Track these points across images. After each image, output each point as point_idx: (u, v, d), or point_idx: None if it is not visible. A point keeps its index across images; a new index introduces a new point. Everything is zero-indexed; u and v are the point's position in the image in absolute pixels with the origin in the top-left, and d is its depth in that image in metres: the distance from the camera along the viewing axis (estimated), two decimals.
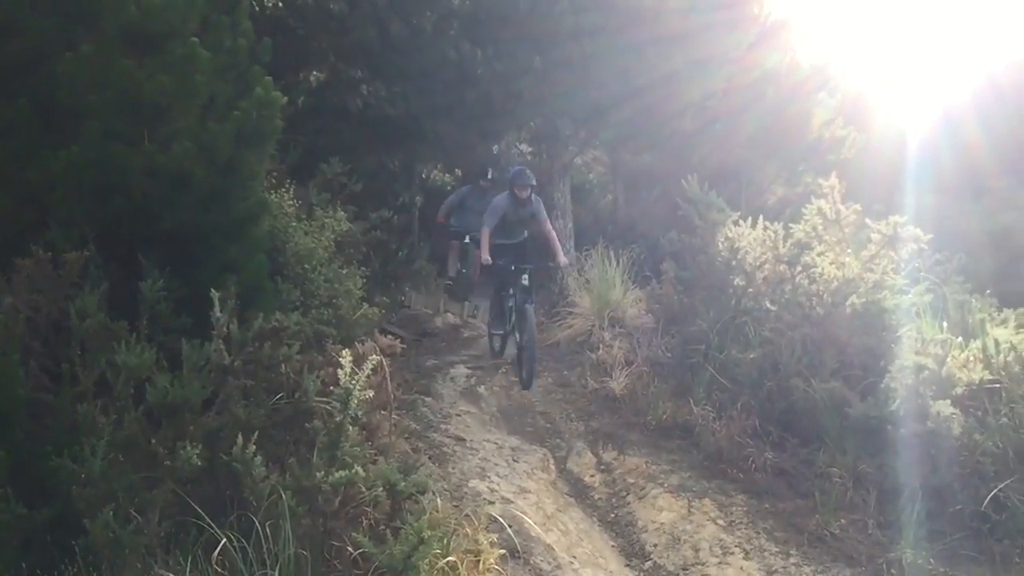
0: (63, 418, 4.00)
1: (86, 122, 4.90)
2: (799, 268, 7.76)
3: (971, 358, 6.35)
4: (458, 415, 7.58)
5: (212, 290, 4.45)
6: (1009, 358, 6.10)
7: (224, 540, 3.55)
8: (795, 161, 13.27)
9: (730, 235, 8.44)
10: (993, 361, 6.17)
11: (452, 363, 9.29)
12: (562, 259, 9.01)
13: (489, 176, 10.88)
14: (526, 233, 9.31)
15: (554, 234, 9.16)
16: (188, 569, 3.48)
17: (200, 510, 3.73)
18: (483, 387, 8.31)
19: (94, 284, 4.53)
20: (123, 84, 4.86)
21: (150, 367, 4.13)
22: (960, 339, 6.70)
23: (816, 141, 13.01)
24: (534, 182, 8.86)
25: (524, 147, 14.77)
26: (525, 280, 8.59)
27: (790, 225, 8.19)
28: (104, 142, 4.86)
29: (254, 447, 3.86)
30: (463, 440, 6.98)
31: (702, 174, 9.90)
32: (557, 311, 10.08)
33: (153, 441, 3.93)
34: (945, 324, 7.23)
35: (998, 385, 6.04)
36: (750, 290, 8.16)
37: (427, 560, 3.59)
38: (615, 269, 10.51)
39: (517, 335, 8.57)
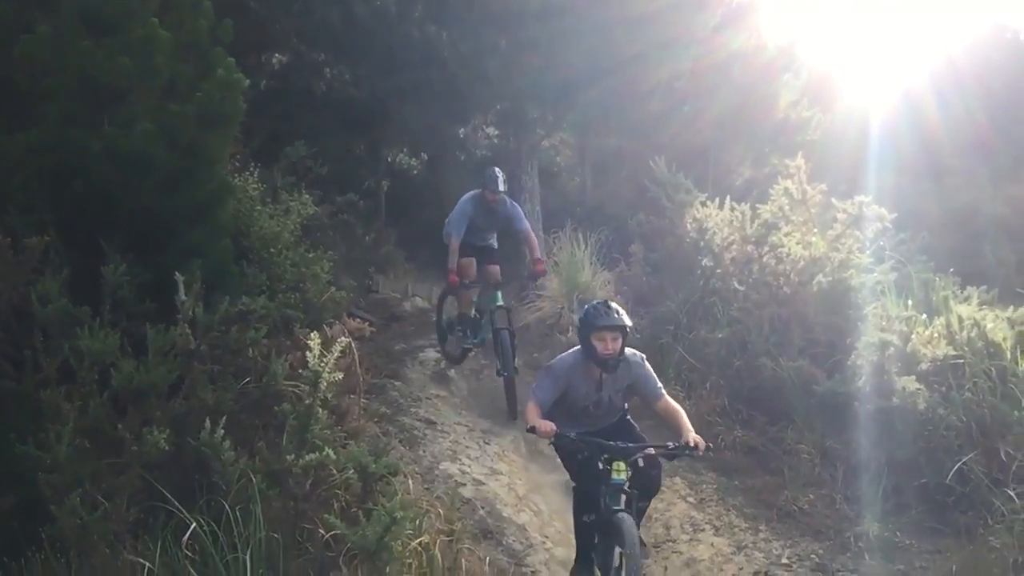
0: (27, 405, 3.94)
1: (44, 105, 4.81)
2: (766, 248, 7.82)
3: (935, 335, 6.46)
4: (428, 398, 7.56)
5: (177, 274, 4.38)
6: (972, 334, 6.20)
7: (194, 524, 3.51)
8: (762, 142, 13.31)
9: (698, 216, 8.49)
10: (956, 337, 6.27)
11: (421, 347, 9.23)
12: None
13: (499, 183, 7.71)
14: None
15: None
16: (157, 554, 3.44)
17: (168, 495, 3.68)
18: (453, 370, 8.28)
19: (55, 270, 4.44)
20: (82, 66, 4.76)
21: (114, 352, 4.07)
22: (924, 316, 6.82)
23: (782, 122, 13.05)
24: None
25: (491, 130, 14.67)
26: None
27: (757, 206, 8.26)
28: (63, 125, 4.77)
29: (222, 431, 3.83)
30: (433, 423, 6.97)
31: (670, 156, 9.95)
32: (526, 294, 10.05)
33: (119, 427, 3.88)
34: (909, 302, 7.33)
35: (961, 360, 6.14)
36: (718, 270, 8.21)
37: (400, 541, 3.57)
38: (583, 251, 10.49)
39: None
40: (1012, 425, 5.60)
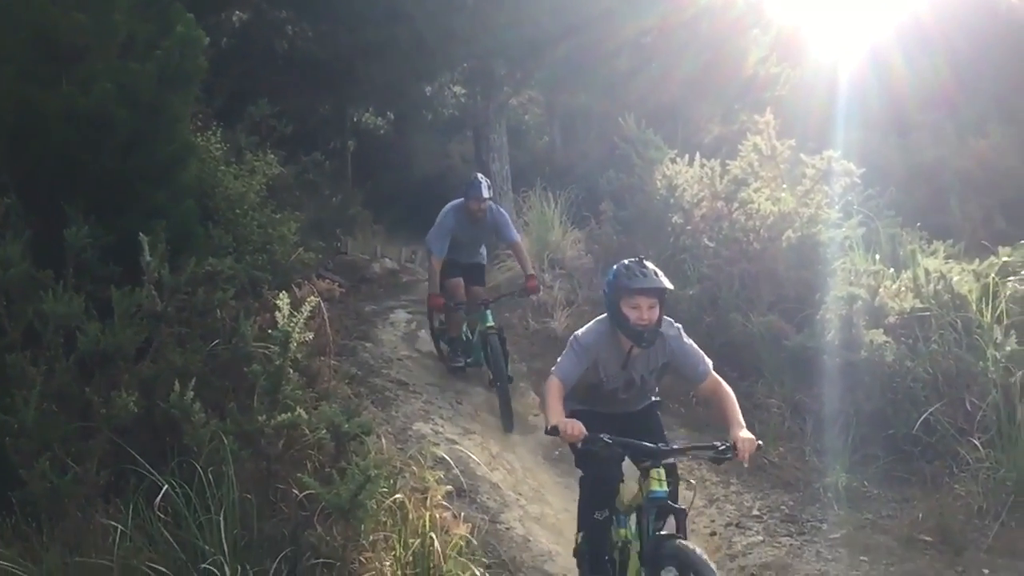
0: None
1: (0, 65, 4.65)
2: (736, 204, 7.85)
3: (902, 288, 6.53)
4: (399, 360, 7.54)
5: (141, 235, 4.30)
6: (938, 287, 6.27)
7: (166, 487, 3.48)
8: (731, 99, 13.32)
9: (668, 173, 8.48)
10: (923, 290, 6.34)
11: (392, 308, 9.22)
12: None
13: (483, 189, 6.98)
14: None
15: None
16: (130, 517, 3.41)
17: (139, 458, 3.64)
18: (424, 331, 8.26)
19: (16, 233, 4.33)
20: (38, 24, 4.63)
21: (79, 316, 4.00)
22: (892, 270, 6.90)
23: (751, 79, 13.05)
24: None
25: (458, 89, 14.53)
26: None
27: (727, 162, 8.27)
28: (20, 85, 4.62)
29: (192, 394, 3.78)
30: (406, 384, 6.96)
31: (639, 114, 9.91)
32: (497, 254, 10.03)
33: (87, 390, 3.83)
34: (877, 256, 7.42)
35: (928, 313, 6.20)
36: (688, 228, 8.23)
37: (374, 499, 3.57)
38: (553, 210, 10.51)
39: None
40: (977, 376, 5.68)
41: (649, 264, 3.85)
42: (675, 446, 3.82)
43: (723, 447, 3.66)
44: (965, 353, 5.82)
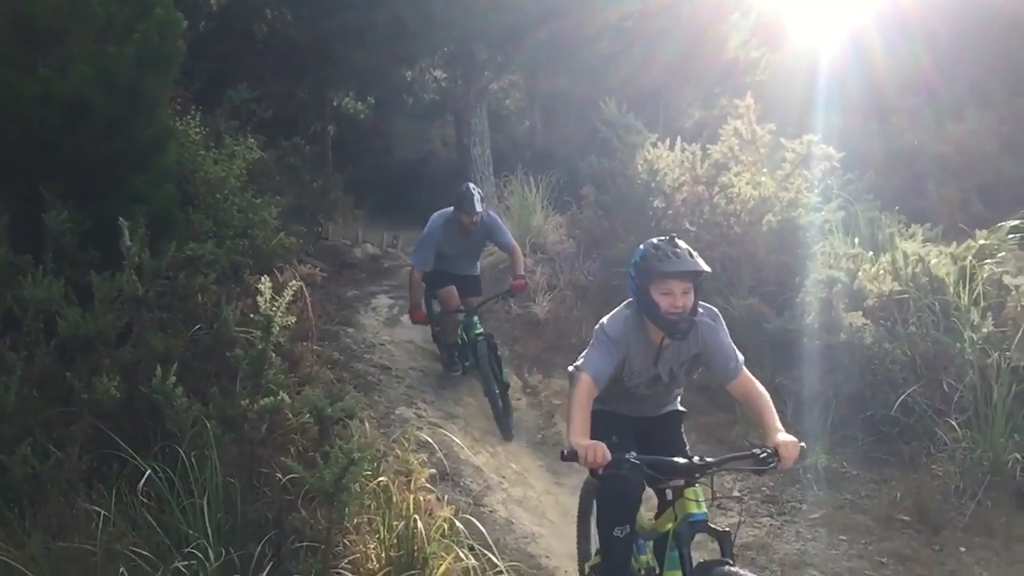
0: None
1: None
2: (717, 189, 7.87)
3: (881, 271, 6.58)
4: (382, 344, 7.54)
5: (121, 219, 4.28)
6: (916, 270, 6.33)
7: (148, 471, 3.47)
8: (711, 84, 13.37)
9: (649, 157, 8.48)
10: (901, 273, 6.40)
11: (373, 293, 9.20)
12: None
13: (476, 202, 6.53)
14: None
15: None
16: (113, 502, 3.40)
17: (122, 443, 3.63)
18: (406, 316, 8.24)
19: None
20: (14, 7, 4.59)
21: (59, 301, 3.99)
22: (870, 253, 6.96)
23: (731, 63, 13.09)
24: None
25: (438, 73, 14.46)
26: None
27: (708, 146, 8.27)
28: None
29: (174, 378, 3.77)
30: (388, 369, 6.96)
31: (620, 98, 9.89)
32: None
33: (68, 375, 3.81)
34: (856, 240, 7.46)
35: (906, 296, 6.26)
36: (669, 212, 8.25)
37: (358, 482, 3.57)
38: (535, 195, 10.51)
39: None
40: (954, 357, 5.75)
41: (682, 243, 3.35)
42: (709, 459, 3.20)
43: (764, 454, 3.17)
44: (943, 335, 5.89)
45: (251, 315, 4.07)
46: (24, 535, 3.37)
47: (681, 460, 3.20)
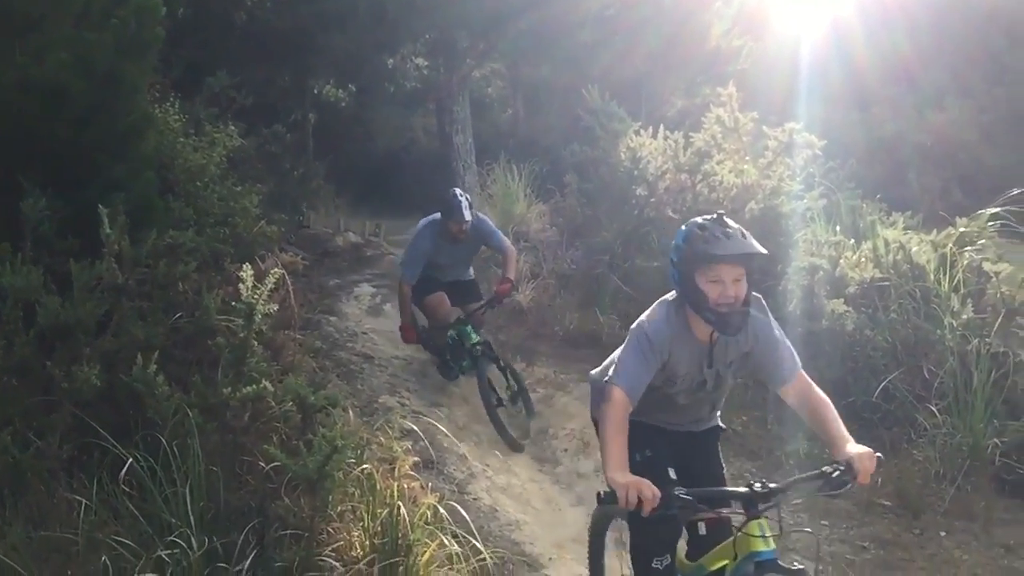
0: None
1: None
2: (699, 177, 7.88)
3: (862, 258, 6.64)
4: (364, 333, 7.50)
5: (100, 207, 4.23)
6: (897, 257, 6.38)
7: (130, 460, 3.45)
8: (694, 72, 13.37)
9: (632, 145, 8.48)
10: (883, 260, 6.45)
11: (356, 282, 9.15)
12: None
13: (464, 210, 6.23)
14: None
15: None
16: (94, 491, 3.38)
17: (103, 432, 3.59)
18: (389, 304, 8.22)
19: None
20: None
21: (38, 289, 3.93)
22: (852, 241, 7.01)
23: (714, 52, 13.11)
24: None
25: (420, 60, 14.38)
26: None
27: (690, 134, 8.28)
28: None
29: (155, 367, 3.74)
30: (371, 357, 6.94)
31: (603, 87, 9.90)
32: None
33: (48, 364, 3.77)
34: (838, 228, 7.51)
35: (887, 283, 6.32)
36: (652, 200, 8.25)
37: (341, 470, 3.56)
38: (518, 183, 10.49)
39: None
40: (934, 344, 5.81)
41: (731, 222, 2.90)
42: (773, 485, 2.69)
43: (836, 471, 2.69)
44: (923, 322, 5.95)
45: (232, 303, 4.03)
46: (5, 525, 3.34)
47: (741, 489, 2.71)
